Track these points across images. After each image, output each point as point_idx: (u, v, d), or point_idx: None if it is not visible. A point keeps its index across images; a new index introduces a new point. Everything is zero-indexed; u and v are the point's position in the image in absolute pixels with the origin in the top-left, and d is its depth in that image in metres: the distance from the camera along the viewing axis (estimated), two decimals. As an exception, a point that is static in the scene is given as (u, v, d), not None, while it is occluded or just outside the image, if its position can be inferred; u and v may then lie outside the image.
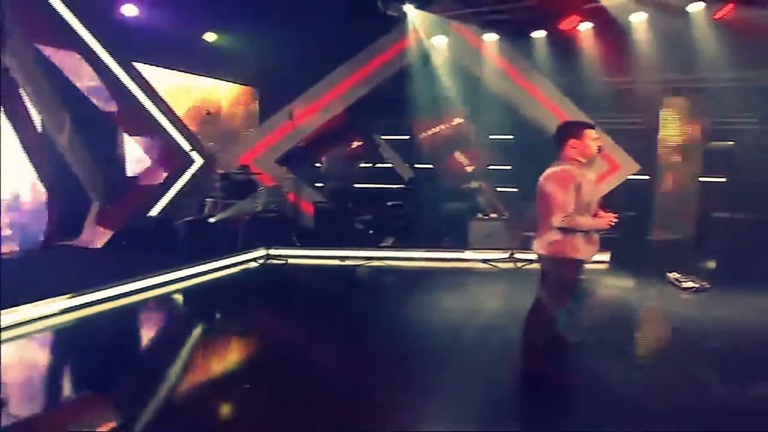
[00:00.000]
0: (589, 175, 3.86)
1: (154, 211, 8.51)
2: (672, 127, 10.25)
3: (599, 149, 3.89)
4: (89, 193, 8.11)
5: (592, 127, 3.91)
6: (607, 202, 9.98)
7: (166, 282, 6.56)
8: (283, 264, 7.90)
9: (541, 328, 4.03)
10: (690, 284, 6.60)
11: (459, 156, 10.96)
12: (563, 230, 3.77)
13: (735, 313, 5.73)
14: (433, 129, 10.83)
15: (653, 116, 10.31)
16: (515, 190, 11.13)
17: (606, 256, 8.12)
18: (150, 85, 8.29)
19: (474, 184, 10.50)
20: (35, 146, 7.53)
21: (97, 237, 7.93)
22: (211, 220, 7.92)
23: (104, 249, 7.76)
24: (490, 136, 11.36)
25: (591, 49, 9.26)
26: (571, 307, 4.16)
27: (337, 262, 8.00)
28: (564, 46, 9.29)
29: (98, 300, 5.70)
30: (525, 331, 4.08)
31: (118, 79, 7.83)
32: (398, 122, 11.30)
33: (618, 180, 10.44)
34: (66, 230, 7.93)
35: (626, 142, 10.47)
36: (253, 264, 7.73)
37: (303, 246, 8.33)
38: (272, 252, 8.03)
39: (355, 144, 11.32)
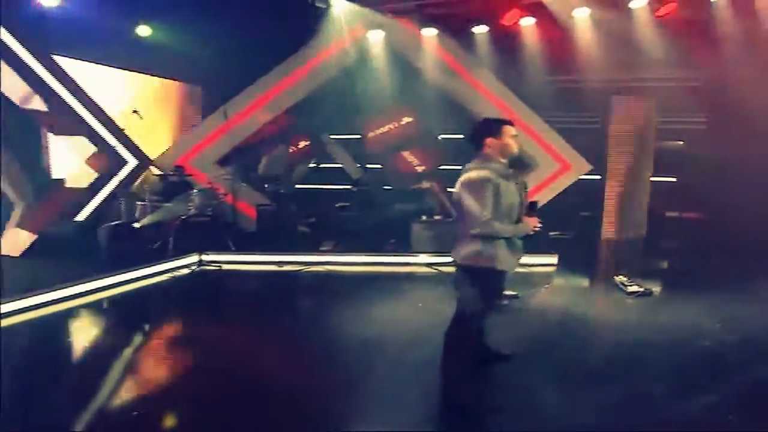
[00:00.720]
0: (510, 175, 3.73)
1: (82, 216, 8.14)
2: (621, 126, 10.27)
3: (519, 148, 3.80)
4: (12, 196, 7.77)
5: (511, 123, 3.76)
6: (559, 203, 10.47)
7: (87, 291, 6.28)
8: (217, 270, 7.63)
9: (460, 345, 3.90)
10: (635, 288, 6.57)
11: (408, 156, 10.86)
12: (481, 238, 3.65)
13: (678, 320, 5.66)
14: (381, 128, 10.69)
15: (603, 115, 10.33)
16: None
17: (554, 259, 8.09)
18: (74, 81, 7.91)
19: (425, 185, 10.39)
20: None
21: (19, 242, 7.56)
22: (137, 225, 7.60)
23: (22, 257, 7.39)
24: (440, 135, 11.31)
25: (534, 45, 9.22)
26: (490, 321, 4.06)
27: (274, 267, 7.78)
28: (506, 42, 9.23)
29: (14, 311, 5.44)
30: (444, 349, 3.93)
31: (37, 74, 7.44)
32: (348, 121, 11.13)
33: (569, 180, 10.48)
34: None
35: (577, 141, 10.54)
36: (185, 271, 7.44)
37: (239, 251, 8.07)
38: (205, 258, 7.75)
39: (302, 144, 11.07)
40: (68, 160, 8.41)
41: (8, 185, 7.66)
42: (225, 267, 7.71)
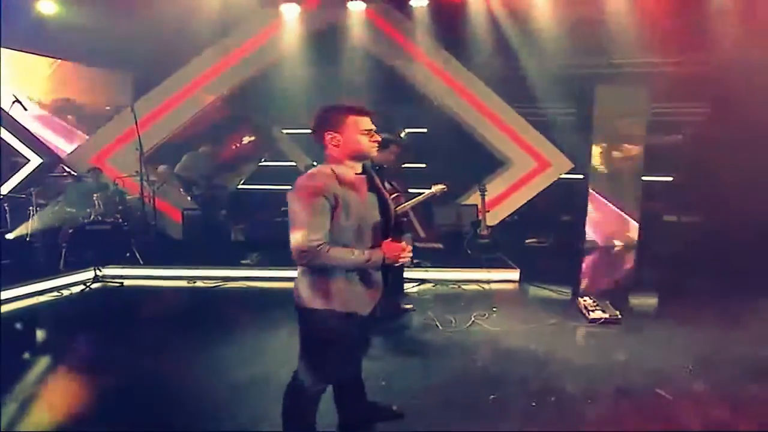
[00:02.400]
0: (368, 182, 2.86)
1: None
2: (607, 119, 9.38)
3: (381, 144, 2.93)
4: None
5: (361, 111, 2.84)
6: (536, 206, 9.59)
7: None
8: (117, 287, 6.84)
9: (300, 411, 3.07)
10: (599, 314, 5.68)
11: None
12: (315, 269, 2.79)
13: (636, 359, 4.76)
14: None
15: (585, 106, 9.44)
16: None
17: (515, 275, 7.23)
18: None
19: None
20: None
21: None
22: (10, 236, 6.79)
23: None
24: (404, 131, 10.49)
25: (488, 22, 8.28)
26: (339, 382, 3.21)
27: (184, 283, 6.98)
28: (453, 18, 8.28)
29: None
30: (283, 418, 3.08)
31: None
32: (298, 113, 10.27)
33: (548, 180, 9.60)
34: None
35: (557, 136, 9.66)
36: (77, 288, 6.66)
37: (146, 264, 7.26)
38: (105, 272, 6.97)
39: (246, 139, 10.23)
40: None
41: None
42: (127, 283, 6.92)
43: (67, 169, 7.82)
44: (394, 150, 5.69)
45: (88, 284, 6.74)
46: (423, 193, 5.84)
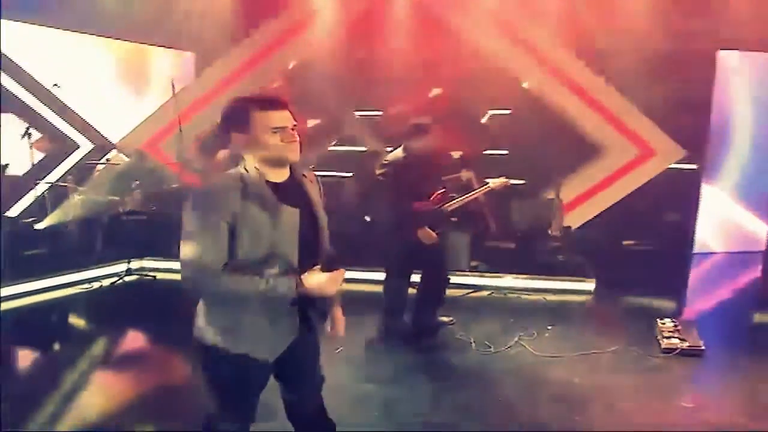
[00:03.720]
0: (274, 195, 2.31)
1: (13, 211, 7.61)
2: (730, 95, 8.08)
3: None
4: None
5: (270, 105, 2.32)
6: (637, 202, 8.49)
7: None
8: (151, 280, 6.79)
9: None
10: (674, 342, 4.79)
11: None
12: (211, 299, 2.40)
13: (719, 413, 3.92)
14: (403, 102, 9.29)
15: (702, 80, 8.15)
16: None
17: (589, 285, 6.38)
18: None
19: (465, 174, 8.90)
20: None
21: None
22: (40, 225, 6.88)
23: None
24: (486, 112, 9.70)
25: None
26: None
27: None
28: None
29: None
30: None
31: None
32: (369, 93, 9.83)
33: (652, 171, 8.48)
34: None
35: (664, 119, 8.46)
36: (107, 282, 6.67)
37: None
38: (142, 264, 6.95)
39: (310, 122, 9.89)
40: (11, 142, 7.88)
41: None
42: (160, 276, 6.86)
43: (108, 157, 7.90)
44: (434, 136, 5.02)
45: (121, 276, 6.73)
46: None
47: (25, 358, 5.14)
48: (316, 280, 2.26)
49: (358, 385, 4.25)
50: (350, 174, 9.57)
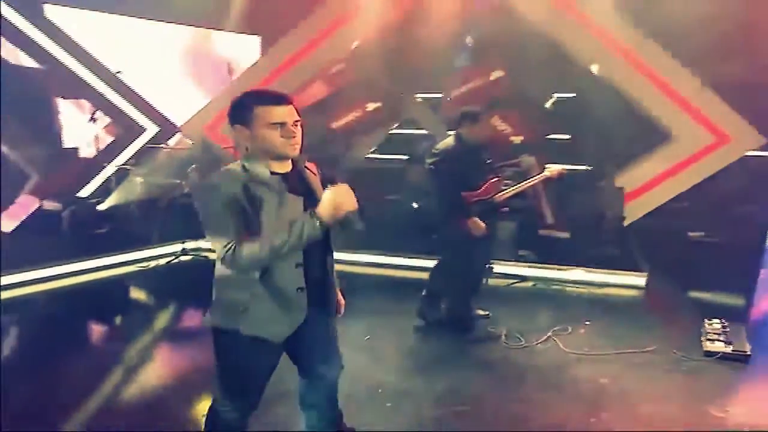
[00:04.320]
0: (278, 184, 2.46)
1: (86, 191, 8.11)
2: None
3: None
4: (24, 167, 8.00)
5: (272, 101, 2.42)
6: (709, 190, 8.04)
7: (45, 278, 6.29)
8: (204, 260, 7.09)
9: None
10: (718, 346, 4.57)
11: (498, 121, 9.17)
12: (230, 282, 2.53)
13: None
14: (464, 85, 9.16)
15: None
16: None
17: (640, 280, 6.14)
18: (71, 40, 7.80)
19: (525, 161, 8.74)
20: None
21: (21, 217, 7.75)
22: (102, 206, 7.27)
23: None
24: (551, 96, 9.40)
25: None
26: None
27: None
28: None
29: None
30: None
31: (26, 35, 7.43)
32: (433, 76, 9.74)
33: (726, 158, 7.99)
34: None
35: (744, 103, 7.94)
36: (162, 261, 7.06)
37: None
38: (198, 245, 7.28)
39: (371, 106, 9.91)
40: (82, 126, 8.37)
41: (18, 155, 7.85)
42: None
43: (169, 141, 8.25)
44: (486, 123, 4.92)
45: (177, 256, 7.06)
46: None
47: (89, 331, 5.57)
48: (326, 204, 2.37)
49: (369, 373, 4.30)
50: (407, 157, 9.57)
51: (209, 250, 7.33)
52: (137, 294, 6.49)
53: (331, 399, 3.10)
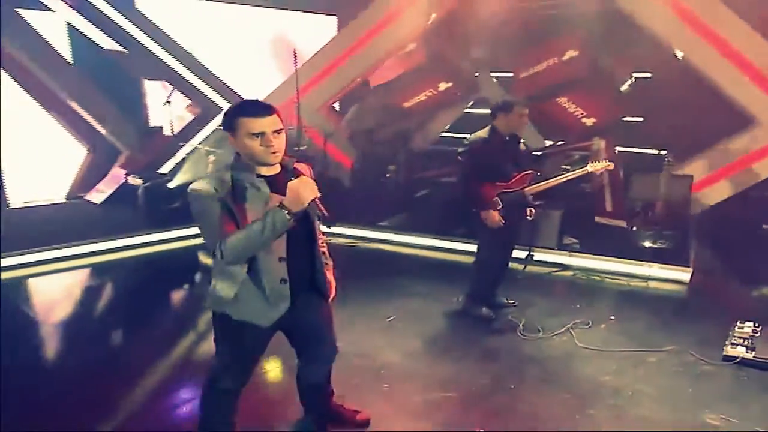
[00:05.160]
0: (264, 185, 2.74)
1: (166, 168, 8.81)
2: None
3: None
4: (116, 143, 8.82)
5: (253, 113, 2.67)
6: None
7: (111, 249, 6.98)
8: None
9: (211, 407, 3.17)
10: (738, 351, 4.39)
11: (567, 103, 8.94)
12: (220, 271, 2.89)
13: None
14: (536, 65, 8.99)
15: None
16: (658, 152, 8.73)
17: (684, 275, 5.95)
18: (154, 25, 8.46)
19: (597, 143, 8.57)
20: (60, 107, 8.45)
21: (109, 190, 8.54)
22: (171, 184, 7.84)
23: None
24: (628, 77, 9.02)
25: None
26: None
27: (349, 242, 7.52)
28: None
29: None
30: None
31: (115, 22, 8.15)
32: (507, 55, 9.63)
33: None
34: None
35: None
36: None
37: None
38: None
39: (443, 86, 9.93)
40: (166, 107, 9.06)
41: (109, 132, 8.66)
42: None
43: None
44: (519, 114, 4.92)
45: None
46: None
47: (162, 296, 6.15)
48: (290, 194, 2.62)
49: (378, 353, 4.55)
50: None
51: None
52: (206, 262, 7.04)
53: (327, 378, 3.50)
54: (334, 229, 7.33)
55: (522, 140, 5.15)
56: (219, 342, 3.02)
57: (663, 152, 8.49)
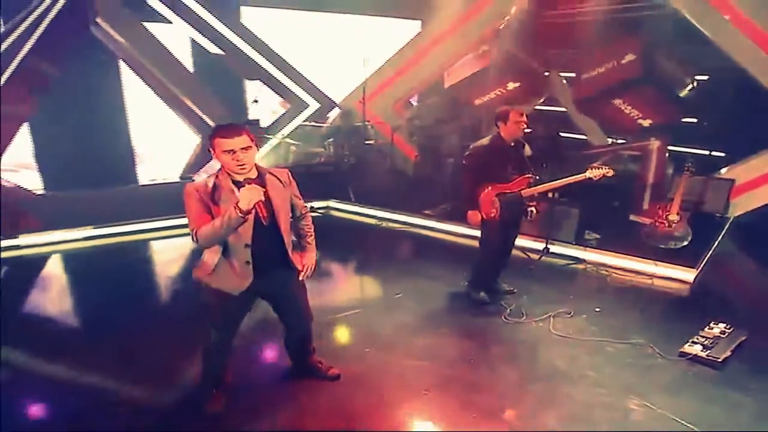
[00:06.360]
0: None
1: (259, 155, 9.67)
2: None
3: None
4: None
5: (225, 134, 3.21)
6: None
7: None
8: (328, 216, 8.28)
9: (208, 354, 3.83)
10: (693, 349, 4.46)
11: (623, 105, 8.75)
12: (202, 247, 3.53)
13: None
14: (595, 68, 8.88)
15: None
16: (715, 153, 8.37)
17: (688, 275, 5.89)
18: (251, 33, 9.35)
19: (653, 143, 8.46)
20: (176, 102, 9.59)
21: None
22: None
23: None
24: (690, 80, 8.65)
25: None
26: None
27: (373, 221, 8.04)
28: None
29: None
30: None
31: (219, 32, 9.12)
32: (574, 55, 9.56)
33: None
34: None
35: None
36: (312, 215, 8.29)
37: (354, 202, 8.44)
38: (324, 204, 8.46)
39: (511, 85, 9.99)
40: (265, 102, 9.93)
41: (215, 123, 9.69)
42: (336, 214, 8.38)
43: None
44: (515, 121, 5.08)
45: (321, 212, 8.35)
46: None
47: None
48: (241, 198, 3.17)
49: (368, 323, 5.05)
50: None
51: (335, 208, 8.50)
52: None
53: (303, 341, 4.10)
54: (388, 215, 7.95)
55: (525, 144, 5.34)
56: (205, 304, 3.60)
57: (716, 153, 8.20)
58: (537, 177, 5.25)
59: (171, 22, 9.09)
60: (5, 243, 6.67)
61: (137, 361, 4.44)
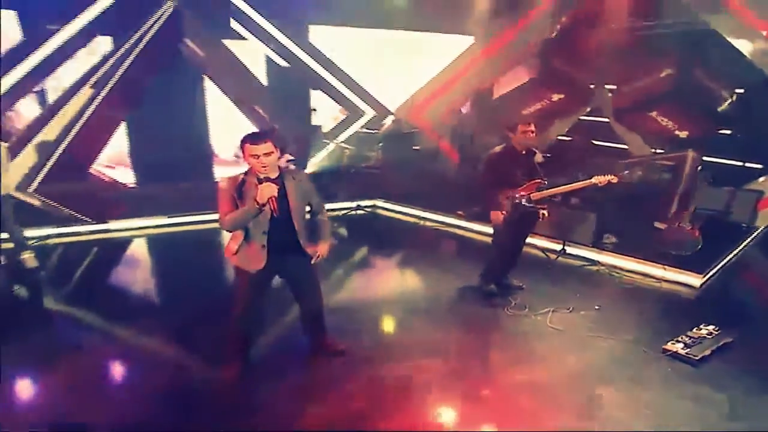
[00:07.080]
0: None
1: (319, 157, 10.24)
2: None
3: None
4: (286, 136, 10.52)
5: (252, 141, 3.74)
6: None
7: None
8: (373, 215, 8.67)
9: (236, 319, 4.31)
10: (676, 347, 4.55)
11: (660, 117, 8.69)
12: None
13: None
14: (635, 82, 8.89)
15: None
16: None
17: (695, 280, 5.93)
18: (314, 47, 9.97)
19: (689, 154, 8.40)
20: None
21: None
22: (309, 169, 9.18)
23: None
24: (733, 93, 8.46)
25: None
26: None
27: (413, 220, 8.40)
28: None
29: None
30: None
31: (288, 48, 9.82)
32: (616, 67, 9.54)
33: None
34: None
35: None
36: (359, 212, 8.74)
37: (395, 201, 8.79)
38: (371, 203, 8.90)
39: (556, 97, 10.08)
40: (327, 109, 10.53)
41: (281, 128, 10.34)
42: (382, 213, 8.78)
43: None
44: (522, 131, 5.28)
45: (353, 210, 8.76)
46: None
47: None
48: (258, 193, 3.70)
49: (377, 309, 5.44)
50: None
51: (382, 207, 8.91)
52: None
53: (317, 321, 4.55)
54: (425, 214, 8.28)
55: (537, 152, 5.55)
56: (234, 284, 4.19)
57: (748, 164, 8.01)
58: (545, 182, 5.46)
59: (245, 39, 9.87)
60: (98, 227, 7.56)
61: (198, 329, 4.96)
